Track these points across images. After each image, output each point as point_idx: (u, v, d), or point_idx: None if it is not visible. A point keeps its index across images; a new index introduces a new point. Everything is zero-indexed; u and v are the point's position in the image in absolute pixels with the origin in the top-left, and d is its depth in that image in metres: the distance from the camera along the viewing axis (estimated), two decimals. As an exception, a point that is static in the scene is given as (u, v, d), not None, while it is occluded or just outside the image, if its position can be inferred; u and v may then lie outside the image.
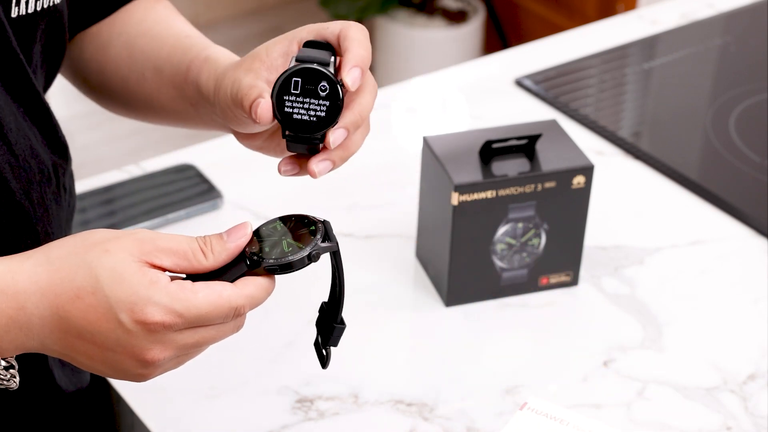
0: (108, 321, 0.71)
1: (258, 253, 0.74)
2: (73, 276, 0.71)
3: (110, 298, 0.70)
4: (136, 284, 0.70)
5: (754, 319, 1.10)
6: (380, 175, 1.29)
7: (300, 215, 0.77)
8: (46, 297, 0.71)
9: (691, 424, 0.99)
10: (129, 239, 0.72)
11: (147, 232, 0.73)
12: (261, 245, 0.74)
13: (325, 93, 0.78)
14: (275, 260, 0.73)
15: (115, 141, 2.84)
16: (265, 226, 0.76)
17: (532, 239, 1.10)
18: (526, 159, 1.08)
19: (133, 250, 0.72)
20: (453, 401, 1.00)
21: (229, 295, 0.72)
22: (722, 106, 1.44)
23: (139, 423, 0.98)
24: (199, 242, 0.73)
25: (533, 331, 1.09)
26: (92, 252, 0.72)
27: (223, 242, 0.73)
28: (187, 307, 0.71)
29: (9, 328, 0.72)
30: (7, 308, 0.71)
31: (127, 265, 0.71)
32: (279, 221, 0.77)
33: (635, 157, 1.33)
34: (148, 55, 0.97)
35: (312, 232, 0.75)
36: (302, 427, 0.97)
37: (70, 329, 0.72)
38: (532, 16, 3.09)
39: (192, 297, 0.71)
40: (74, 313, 0.71)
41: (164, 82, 0.95)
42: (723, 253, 1.19)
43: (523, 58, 1.52)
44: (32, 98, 0.85)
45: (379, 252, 1.17)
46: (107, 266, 0.71)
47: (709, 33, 1.60)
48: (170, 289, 0.71)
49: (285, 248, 0.74)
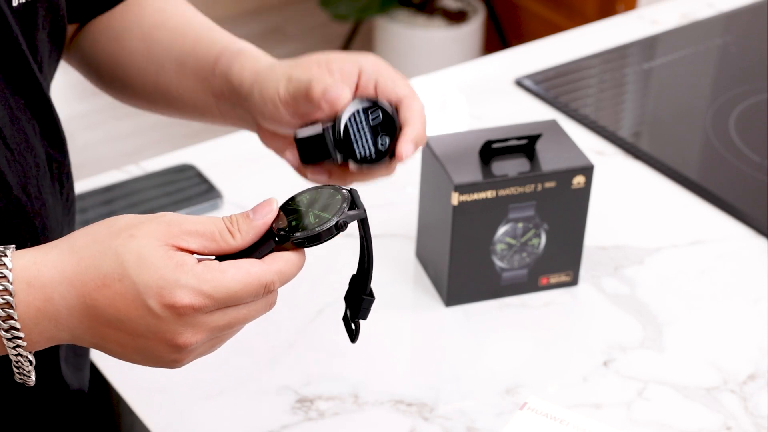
0: (137, 308, 0.70)
1: (285, 228, 0.72)
2: (99, 263, 0.70)
3: (137, 284, 0.69)
4: (162, 268, 0.69)
5: (754, 319, 1.10)
6: (380, 175, 1.29)
7: (325, 186, 0.75)
8: (73, 287, 0.70)
9: (691, 424, 0.99)
10: (154, 224, 0.71)
11: (172, 216, 0.72)
12: (288, 219, 0.73)
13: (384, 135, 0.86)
14: (303, 233, 0.72)
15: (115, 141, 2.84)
16: (290, 200, 0.75)
17: (532, 239, 1.10)
18: (526, 159, 1.08)
19: (159, 234, 0.70)
20: (453, 401, 1.00)
21: (258, 272, 0.71)
22: (722, 106, 1.44)
23: (139, 423, 0.98)
24: (226, 222, 0.72)
25: (533, 331, 1.09)
26: (118, 238, 0.70)
27: (250, 221, 0.72)
28: (215, 287, 0.69)
29: (38, 320, 0.71)
30: (35, 300, 0.71)
31: (153, 250, 0.70)
32: (305, 194, 0.75)
33: (635, 157, 1.33)
34: (169, 47, 0.96)
35: (338, 201, 0.73)
36: (302, 427, 0.97)
37: (99, 318, 0.71)
38: (532, 16, 3.09)
39: (220, 277, 0.70)
40: (102, 301, 0.70)
41: (186, 74, 0.95)
42: (723, 253, 1.19)
43: (523, 58, 1.52)
44: (34, 90, 0.85)
45: (379, 252, 1.17)
46: (133, 251, 0.70)
47: (709, 33, 1.60)
48: (197, 271, 0.69)
49: (312, 220, 0.73)
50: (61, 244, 0.72)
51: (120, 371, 1.02)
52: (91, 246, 0.71)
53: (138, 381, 1.01)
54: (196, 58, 0.95)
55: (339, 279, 1.10)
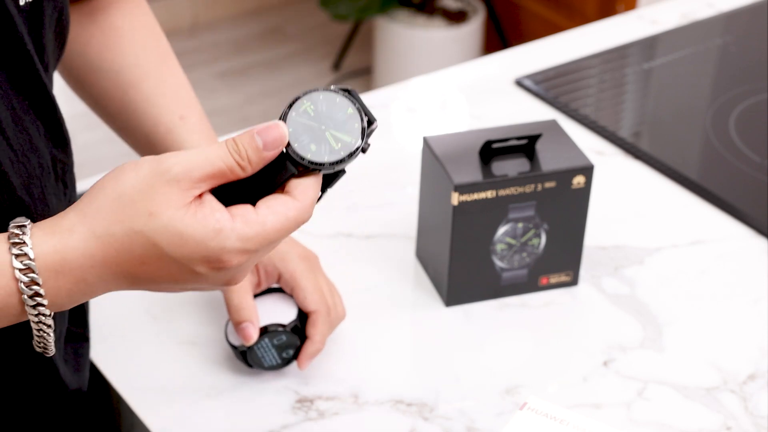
0: (184, 273, 0.70)
1: (303, 157, 0.70)
2: (130, 247, 0.70)
3: (180, 259, 0.69)
4: (200, 239, 0.69)
5: (754, 319, 1.10)
6: (380, 175, 1.29)
7: (329, 90, 0.72)
8: (108, 267, 0.70)
9: (691, 424, 0.99)
10: (165, 188, 0.69)
11: (177, 168, 0.69)
12: (302, 141, 0.71)
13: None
14: (330, 163, 0.70)
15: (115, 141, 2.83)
16: (295, 111, 0.72)
17: (532, 239, 1.10)
18: (526, 159, 1.08)
19: (175, 199, 0.69)
20: (453, 401, 1.00)
21: (296, 216, 0.71)
22: (722, 106, 1.44)
23: (139, 423, 0.98)
24: (234, 156, 0.70)
25: (533, 331, 1.09)
26: (137, 220, 0.69)
27: (260, 152, 0.70)
28: (259, 242, 0.70)
29: (72, 297, 0.71)
30: (65, 284, 0.71)
31: (180, 222, 0.69)
32: (308, 102, 0.72)
33: (635, 157, 1.33)
34: (137, 116, 1.01)
35: (353, 117, 0.71)
36: (302, 427, 0.97)
37: (142, 282, 0.71)
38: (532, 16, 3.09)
39: (261, 231, 0.69)
40: (143, 275, 0.70)
41: (141, 144, 1.02)
42: (723, 253, 1.19)
43: (523, 58, 1.52)
44: (38, 91, 0.84)
45: (379, 252, 1.17)
46: (161, 231, 0.69)
47: (709, 33, 1.60)
48: (238, 232, 0.69)
49: (333, 145, 0.71)
50: (78, 228, 0.71)
51: (120, 371, 1.02)
52: (112, 230, 0.70)
53: (138, 381, 1.01)
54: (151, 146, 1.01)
55: (339, 279, 1.10)
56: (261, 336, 1.00)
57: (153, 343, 1.05)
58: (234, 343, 1.01)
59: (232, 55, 3.30)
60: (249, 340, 0.99)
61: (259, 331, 1.00)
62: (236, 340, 1.01)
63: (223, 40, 3.37)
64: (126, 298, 1.09)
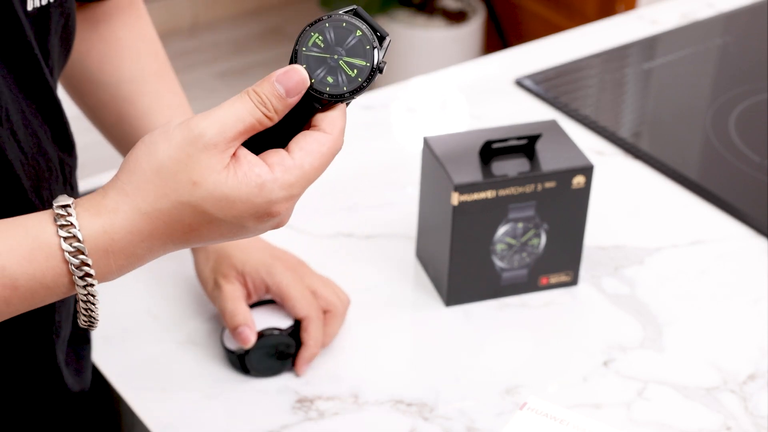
0: (234, 229, 0.71)
1: (322, 90, 0.71)
2: (179, 218, 0.70)
3: (230, 219, 0.70)
4: (245, 197, 0.70)
5: (754, 319, 1.10)
6: (380, 175, 1.29)
7: (332, 17, 0.72)
8: (158, 239, 0.71)
9: (691, 424, 0.99)
10: (202, 156, 0.69)
11: (209, 131, 0.70)
12: (318, 74, 0.71)
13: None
14: (349, 91, 0.71)
15: (115, 141, 2.83)
16: (304, 46, 0.71)
17: (532, 239, 1.10)
18: (526, 159, 1.08)
19: (214, 163, 0.70)
20: (453, 401, 1.00)
21: (330, 150, 0.72)
22: (722, 106, 1.44)
23: (139, 423, 0.98)
24: (261, 108, 0.71)
25: (533, 331, 1.09)
26: (181, 191, 0.70)
27: (284, 100, 0.71)
28: (302, 184, 0.71)
29: (122, 270, 0.72)
30: (116, 261, 0.71)
31: (224, 185, 0.70)
32: (315, 33, 0.71)
33: (635, 157, 1.33)
34: (133, 131, 1.02)
35: (363, 39, 0.71)
36: (302, 427, 0.97)
37: (192, 243, 0.72)
38: (532, 16, 3.09)
39: (301, 174, 0.71)
40: (194, 238, 0.72)
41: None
42: (723, 253, 1.19)
43: (523, 58, 1.52)
44: (45, 95, 0.85)
45: (379, 252, 1.17)
46: (207, 197, 0.70)
47: (709, 33, 1.60)
48: (280, 181, 0.70)
49: (350, 72, 0.71)
50: (122, 207, 0.71)
51: (120, 371, 1.02)
52: (158, 204, 0.70)
53: (138, 381, 1.01)
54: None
55: (339, 279, 1.10)
56: (258, 340, 1.00)
57: (153, 343, 1.05)
58: (231, 348, 1.02)
59: (232, 55, 3.30)
60: (247, 342, 0.99)
61: (257, 335, 1.00)
62: (233, 345, 1.02)
63: (223, 40, 3.37)
64: (126, 298, 1.09)
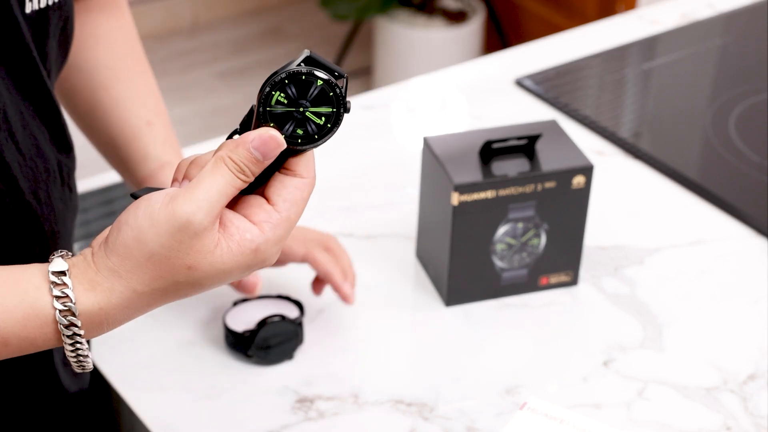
0: (231, 280, 0.73)
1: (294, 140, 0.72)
2: (175, 290, 0.72)
3: (228, 279, 0.72)
4: (244, 265, 0.71)
5: (754, 319, 1.10)
6: (380, 175, 1.29)
7: (288, 72, 0.72)
8: (153, 306, 0.73)
9: (691, 424, 0.99)
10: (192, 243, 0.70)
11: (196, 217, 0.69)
12: (287, 128, 0.72)
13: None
14: (321, 138, 0.72)
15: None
16: (266, 103, 0.72)
17: (532, 239, 1.10)
18: (526, 159, 1.08)
19: (206, 244, 0.70)
20: (453, 401, 1.00)
21: (309, 193, 0.73)
22: (722, 106, 1.44)
23: (139, 423, 0.98)
24: (240, 177, 0.71)
25: (533, 331, 1.09)
26: (177, 275, 0.71)
27: (260, 164, 0.71)
28: (289, 232, 0.73)
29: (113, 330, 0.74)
30: (108, 328, 0.73)
31: (219, 263, 0.71)
32: (276, 93, 0.72)
33: (635, 157, 1.33)
34: (105, 117, 1.02)
35: (324, 88, 0.71)
36: (302, 427, 0.97)
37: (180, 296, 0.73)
38: (532, 16, 3.09)
39: (288, 225, 0.72)
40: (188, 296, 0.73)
41: (105, 145, 1.04)
42: (723, 253, 1.19)
43: (523, 58, 1.52)
44: (43, 97, 0.85)
45: (379, 252, 1.17)
46: (204, 277, 0.71)
47: (709, 33, 1.60)
48: (272, 240, 0.71)
49: (318, 120, 0.72)
50: (117, 287, 0.71)
51: (120, 371, 1.02)
52: (155, 285, 0.71)
53: (138, 381, 1.01)
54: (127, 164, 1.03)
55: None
56: (263, 324, 1.01)
57: (153, 343, 1.05)
58: (235, 328, 1.02)
59: (232, 55, 3.30)
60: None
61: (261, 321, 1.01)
62: (237, 325, 1.02)
63: (223, 40, 3.37)
64: (126, 298, 1.09)
